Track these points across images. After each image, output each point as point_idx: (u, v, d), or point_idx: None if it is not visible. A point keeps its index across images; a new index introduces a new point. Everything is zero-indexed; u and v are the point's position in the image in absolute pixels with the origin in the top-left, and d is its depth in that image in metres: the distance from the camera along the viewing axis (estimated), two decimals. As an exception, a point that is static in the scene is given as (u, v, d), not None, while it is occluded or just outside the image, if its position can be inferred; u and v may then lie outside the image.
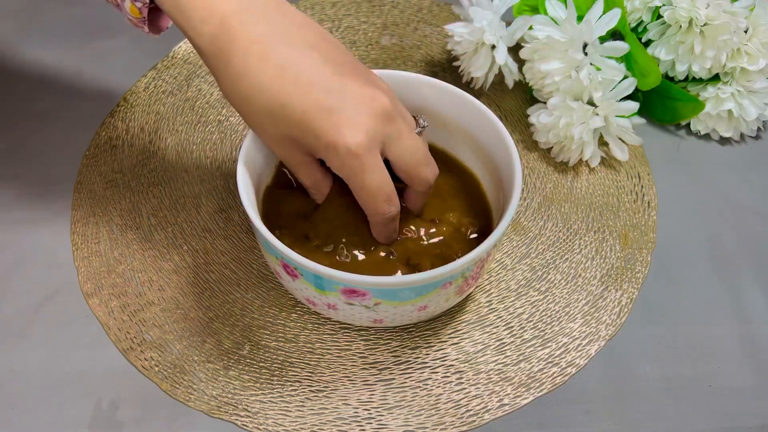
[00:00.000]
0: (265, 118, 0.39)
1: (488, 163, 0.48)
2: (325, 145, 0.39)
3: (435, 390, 0.45)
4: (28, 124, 0.59)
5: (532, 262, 0.51)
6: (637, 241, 0.53)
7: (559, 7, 0.54)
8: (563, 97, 0.53)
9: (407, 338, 0.48)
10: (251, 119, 0.40)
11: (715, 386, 0.46)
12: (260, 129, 0.41)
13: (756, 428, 0.44)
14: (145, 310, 0.48)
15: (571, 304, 0.49)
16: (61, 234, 0.52)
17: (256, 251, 0.51)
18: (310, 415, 0.44)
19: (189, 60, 0.63)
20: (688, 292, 0.50)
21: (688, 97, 0.57)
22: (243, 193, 0.42)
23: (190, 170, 0.56)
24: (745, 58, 0.55)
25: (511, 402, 0.45)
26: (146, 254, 0.51)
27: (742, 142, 0.59)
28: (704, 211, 0.55)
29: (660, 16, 0.57)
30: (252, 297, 0.49)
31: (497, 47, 0.55)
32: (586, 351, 0.47)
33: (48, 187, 0.55)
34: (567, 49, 0.52)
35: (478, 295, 0.50)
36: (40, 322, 0.48)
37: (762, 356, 0.47)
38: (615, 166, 0.57)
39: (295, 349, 0.47)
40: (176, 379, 0.45)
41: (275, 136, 0.40)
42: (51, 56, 0.64)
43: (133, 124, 0.59)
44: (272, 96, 0.38)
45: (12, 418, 0.44)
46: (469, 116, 0.47)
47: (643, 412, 0.45)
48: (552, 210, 0.54)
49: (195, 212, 0.53)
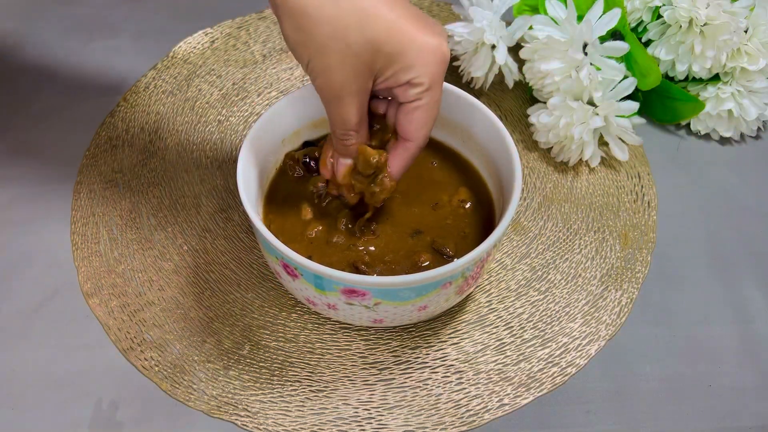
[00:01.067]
0: (352, 19, 0.37)
1: (488, 163, 0.48)
2: (418, 46, 0.38)
3: (435, 390, 0.45)
4: (28, 124, 0.59)
5: (532, 262, 0.51)
6: (637, 241, 0.53)
7: (559, 7, 0.54)
8: (563, 97, 0.53)
9: (407, 338, 0.48)
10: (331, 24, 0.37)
11: (715, 386, 0.46)
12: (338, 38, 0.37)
13: (756, 428, 0.44)
14: (145, 310, 0.48)
15: (571, 304, 0.49)
16: (61, 234, 0.52)
17: (256, 251, 0.51)
18: (310, 415, 0.44)
19: (189, 60, 0.63)
20: (688, 292, 0.50)
21: (688, 97, 0.57)
22: (243, 193, 0.42)
23: (190, 170, 0.56)
24: (745, 58, 0.55)
25: (511, 402, 0.45)
26: (146, 254, 0.51)
27: (742, 142, 0.59)
28: (704, 211, 0.55)
29: (660, 16, 0.57)
30: (252, 297, 0.49)
31: (497, 47, 0.55)
32: (586, 351, 0.47)
33: (48, 187, 0.55)
34: (567, 49, 0.52)
35: (478, 295, 0.50)
36: (40, 322, 0.48)
37: (762, 356, 0.47)
38: (615, 166, 0.57)
39: (295, 349, 0.47)
40: (176, 379, 0.45)
41: (353, 45, 0.37)
42: (51, 56, 0.64)
43: (133, 124, 0.59)
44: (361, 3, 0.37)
45: (12, 418, 0.44)
46: (469, 116, 0.47)
47: (643, 412, 0.45)
48: (552, 210, 0.54)
49: (195, 212, 0.53)
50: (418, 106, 0.40)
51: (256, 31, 0.66)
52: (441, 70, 0.39)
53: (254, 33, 0.65)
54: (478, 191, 0.48)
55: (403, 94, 0.40)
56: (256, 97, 0.61)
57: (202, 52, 0.64)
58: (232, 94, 0.61)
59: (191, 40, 0.65)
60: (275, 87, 0.61)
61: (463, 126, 0.48)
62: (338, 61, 0.38)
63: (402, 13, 0.38)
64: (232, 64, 0.63)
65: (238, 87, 0.61)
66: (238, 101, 0.60)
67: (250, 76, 0.62)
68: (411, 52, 0.38)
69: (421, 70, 0.39)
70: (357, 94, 0.39)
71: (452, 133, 0.49)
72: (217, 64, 0.63)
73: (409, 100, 0.40)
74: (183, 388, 0.45)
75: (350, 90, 0.39)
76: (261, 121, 0.45)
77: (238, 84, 0.61)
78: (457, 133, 0.49)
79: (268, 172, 0.48)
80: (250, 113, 0.60)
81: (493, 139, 0.46)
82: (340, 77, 0.39)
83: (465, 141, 0.49)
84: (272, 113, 0.46)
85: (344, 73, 0.38)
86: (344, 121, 0.41)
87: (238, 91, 0.61)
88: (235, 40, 0.65)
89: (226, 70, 0.62)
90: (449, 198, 0.47)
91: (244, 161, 0.43)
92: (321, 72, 0.38)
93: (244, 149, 0.44)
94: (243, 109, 0.60)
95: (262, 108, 0.60)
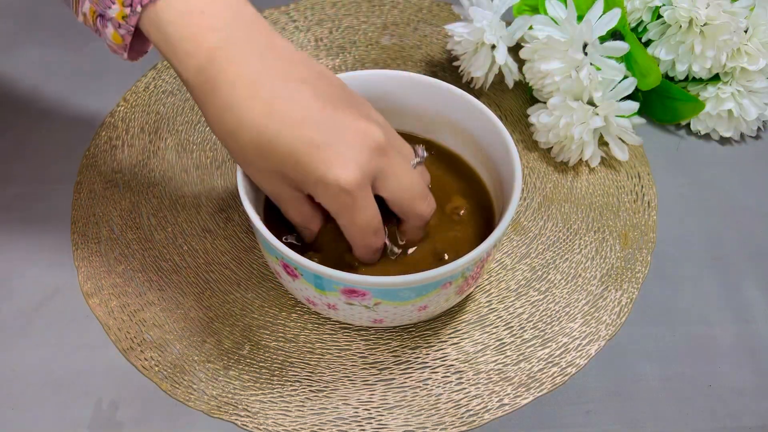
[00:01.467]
0: (252, 152, 0.38)
1: (488, 163, 0.48)
2: (314, 181, 0.37)
3: (435, 390, 0.45)
4: (28, 124, 0.59)
5: (532, 262, 0.51)
6: (637, 241, 0.53)
7: (559, 7, 0.54)
8: (563, 97, 0.53)
9: (407, 338, 0.48)
10: (237, 154, 0.39)
11: (715, 386, 0.46)
12: (247, 164, 0.40)
13: (756, 428, 0.44)
14: (145, 310, 0.48)
15: (571, 304, 0.49)
16: (61, 234, 0.52)
17: (256, 251, 0.51)
18: (310, 415, 0.44)
19: (189, 60, 0.63)
20: (688, 292, 0.50)
21: (688, 97, 0.57)
22: (243, 193, 0.42)
23: (190, 170, 0.56)
24: (745, 58, 0.55)
25: (511, 402, 0.45)
26: (146, 254, 0.51)
27: (742, 142, 0.59)
28: (704, 211, 0.55)
29: (660, 16, 0.57)
30: (252, 297, 0.49)
31: (497, 47, 0.55)
32: (586, 351, 0.47)
33: (48, 187, 0.55)
34: (567, 49, 0.52)
35: (478, 295, 0.50)
36: (40, 322, 0.48)
37: (762, 356, 0.47)
38: (615, 166, 0.57)
39: (295, 349, 0.47)
40: (176, 379, 0.45)
41: (263, 170, 0.39)
42: (51, 56, 0.64)
43: (133, 124, 0.59)
44: (260, 131, 0.37)
45: (12, 418, 0.44)
46: (469, 116, 0.47)
47: (643, 412, 0.45)
48: (552, 210, 0.54)
49: (195, 212, 0.53)
50: (342, 225, 0.40)
51: (256, 31, 0.65)
52: (340, 200, 0.38)
53: (254, 33, 0.65)
54: (477, 192, 0.48)
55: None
56: (256, 97, 0.61)
57: (202, 52, 0.64)
58: (232, 94, 0.61)
59: (191, 40, 0.65)
60: (275, 87, 0.61)
61: (463, 126, 0.48)
62: (258, 176, 0.40)
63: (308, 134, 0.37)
64: (232, 64, 0.63)
65: (238, 87, 0.61)
66: (238, 101, 0.60)
67: (250, 76, 0.62)
68: (308, 185, 0.38)
69: (322, 200, 0.39)
70: (289, 201, 0.41)
71: (452, 133, 0.49)
72: (217, 64, 0.63)
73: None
74: (183, 388, 0.45)
75: (280, 199, 0.41)
76: (261, 121, 0.45)
77: (238, 84, 0.61)
78: (457, 134, 0.49)
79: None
80: (250, 113, 0.60)
81: (493, 139, 0.46)
82: (266, 188, 0.41)
83: (465, 141, 0.49)
84: (272, 113, 0.46)
85: (267, 186, 0.41)
86: (291, 221, 0.43)
87: (238, 91, 0.61)
88: (235, 40, 0.65)
89: (226, 70, 0.62)
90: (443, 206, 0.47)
91: (244, 161, 0.43)
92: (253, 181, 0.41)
93: (244, 149, 0.44)
94: (243, 109, 0.60)
95: (262, 108, 0.60)
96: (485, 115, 0.46)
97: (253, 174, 0.40)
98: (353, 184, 0.37)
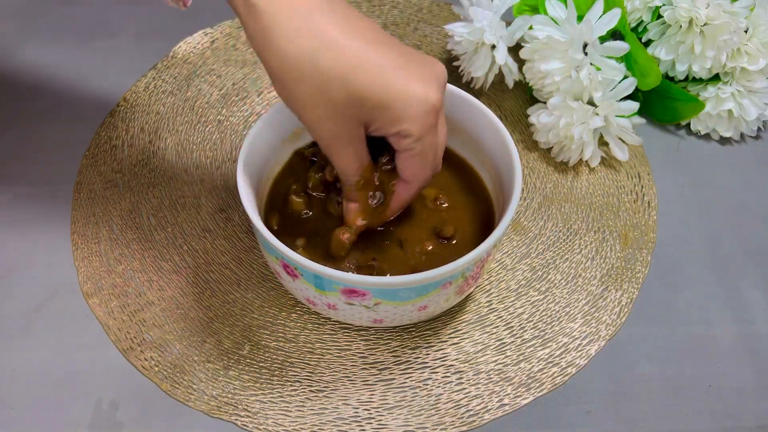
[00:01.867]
0: (333, 75, 0.36)
1: (488, 163, 0.48)
2: (406, 99, 0.37)
3: (435, 390, 0.45)
4: (28, 124, 0.59)
5: (532, 262, 0.51)
6: (637, 241, 0.53)
7: (559, 7, 0.54)
8: (563, 97, 0.53)
9: (407, 338, 0.48)
10: (312, 82, 0.37)
11: (715, 386, 0.46)
12: (319, 95, 0.37)
13: (756, 428, 0.44)
14: (145, 310, 0.48)
15: (571, 304, 0.49)
16: (61, 234, 0.52)
17: (256, 251, 0.51)
18: (310, 415, 0.44)
19: (189, 60, 0.63)
20: (688, 292, 0.50)
21: (688, 97, 0.57)
22: (243, 193, 0.42)
23: (190, 170, 0.56)
24: (745, 58, 0.55)
25: (511, 402, 0.45)
26: (146, 254, 0.51)
27: (742, 142, 0.59)
28: (704, 211, 0.55)
29: (660, 16, 0.57)
30: (252, 297, 0.49)
31: (497, 47, 0.55)
32: (586, 351, 0.47)
33: (48, 187, 0.55)
34: (567, 49, 0.52)
35: (478, 295, 0.50)
36: (40, 322, 0.48)
37: (762, 356, 0.47)
38: (615, 166, 0.57)
39: (295, 349, 0.47)
40: (176, 379, 0.45)
41: (336, 101, 0.37)
42: (51, 56, 0.64)
43: (133, 124, 0.59)
44: (343, 53, 0.36)
45: (12, 418, 0.44)
46: (469, 116, 0.47)
47: (643, 412, 0.45)
48: (552, 210, 0.54)
49: (195, 212, 0.53)
50: (412, 155, 0.40)
51: (256, 31, 0.65)
52: (429, 119, 0.38)
53: (254, 33, 0.65)
54: (478, 192, 0.48)
55: (395, 144, 0.40)
56: (256, 97, 0.61)
57: (202, 52, 0.64)
58: (232, 94, 0.61)
59: (191, 40, 0.65)
60: (275, 87, 0.61)
61: (463, 126, 0.48)
62: (324, 115, 0.38)
63: (390, 57, 0.37)
64: (232, 64, 0.63)
65: (238, 87, 0.61)
66: (238, 101, 0.60)
67: (250, 76, 0.62)
68: (396, 105, 0.37)
69: (408, 122, 0.38)
70: (350, 144, 0.40)
71: (452, 133, 0.49)
72: (217, 64, 0.63)
73: (401, 149, 0.40)
74: (183, 388, 0.45)
75: (342, 141, 0.39)
76: (261, 121, 0.45)
77: (238, 84, 0.61)
78: (457, 134, 0.49)
79: (269, 172, 0.48)
80: (250, 113, 0.60)
81: (493, 139, 0.46)
82: (329, 129, 0.39)
83: (465, 141, 0.49)
84: (272, 113, 0.46)
85: (332, 125, 0.38)
86: (344, 170, 0.41)
87: (238, 91, 0.61)
88: (235, 40, 0.65)
89: (226, 70, 0.62)
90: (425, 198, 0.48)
91: (244, 161, 0.43)
92: (311, 125, 0.39)
93: (244, 149, 0.44)
94: (243, 109, 0.60)
95: (262, 108, 0.60)
96: (485, 115, 0.46)
97: (322, 110, 0.38)
98: (439, 103, 0.38)
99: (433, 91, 0.38)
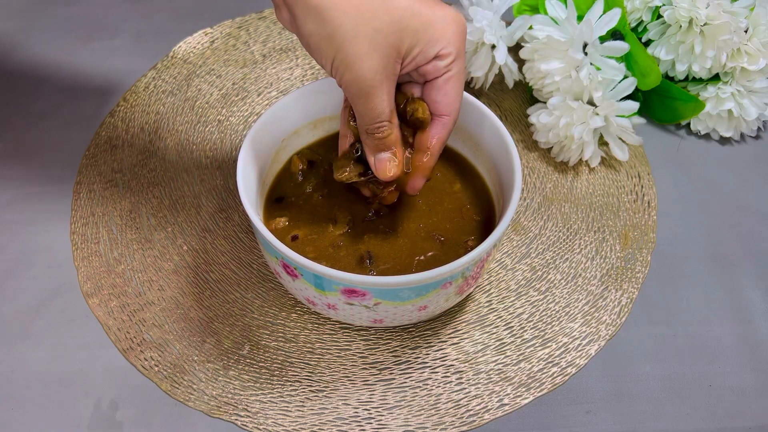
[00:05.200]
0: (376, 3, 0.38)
1: (488, 163, 0.48)
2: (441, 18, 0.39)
3: (435, 390, 0.45)
4: (27, 124, 0.59)
5: (532, 262, 0.51)
6: (637, 241, 0.53)
7: (559, 7, 0.54)
8: (563, 97, 0.53)
9: (407, 338, 0.47)
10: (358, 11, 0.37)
11: (715, 386, 0.46)
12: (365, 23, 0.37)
13: (756, 428, 0.44)
14: (145, 310, 0.48)
15: (571, 304, 0.49)
16: (61, 234, 0.52)
17: (256, 251, 0.51)
18: (310, 415, 0.44)
19: (189, 60, 0.63)
20: (688, 292, 0.50)
21: (688, 97, 0.57)
22: (243, 193, 0.42)
23: (190, 170, 0.56)
24: (745, 58, 0.55)
25: (511, 402, 0.45)
26: (146, 254, 0.51)
27: (742, 142, 0.59)
28: (704, 211, 0.55)
29: (660, 16, 0.57)
30: (252, 297, 0.49)
31: (497, 47, 0.55)
32: (586, 351, 0.47)
33: (48, 187, 0.55)
34: (567, 49, 0.52)
35: (478, 295, 0.50)
36: (40, 322, 0.48)
37: (762, 356, 0.47)
38: (615, 166, 0.57)
39: (295, 349, 0.47)
40: (176, 379, 0.45)
41: (381, 28, 0.38)
42: (51, 56, 0.64)
43: (133, 124, 0.59)
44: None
45: (12, 418, 0.44)
46: (469, 116, 0.47)
47: (643, 412, 0.45)
48: (552, 210, 0.54)
49: (195, 212, 0.53)
50: (450, 77, 0.41)
51: (256, 31, 0.66)
52: (463, 38, 0.41)
53: (254, 33, 0.65)
54: (478, 191, 0.48)
55: (433, 69, 0.41)
56: (256, 97, 0.61)
57: (202, 52, 0.64)
58: (232, 94, 0.61)
59: (191, 40, 0.65)
60: (275, 87, 0.61)
61: (463, 126, 0.48)
62: (368, 47, 0.38)
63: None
64: (232, 64, 0.63)
65: (238, 87, 0.61)
66: (238, 101, 0.60)
67: (250, 76, 0.62)
68: (436, 25, 0.39)
69: (447, 41, 0.40)
70: (387, 81, 0.39)
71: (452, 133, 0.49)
72: (217, 64, 0.63)
73: (440, 73, 0.41)
74: (183, 388, 0.45)
75: (381, 77, 0.39)
76: (261, 121, 0.45)
77: (238, 84, 0.61)
78: (457, 133, 0.49)
79: (269, 172, 0.48)
80: (250, 113, 0.60)
81: (493, 139, 0.46)
82: (370, 65, 0.38)
83: (465, 141, 0.49)
84: (272, 113, 0.46)
85: (374, 59, 0.38)
86: (378, 113, 0.40)
87: (238, 91, 0.61)
88: (235, 40, 0.65)
89: (226, 70, 0.62)
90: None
91: (244, 161, 0.43)
92: (350, 64, 0.38)
93: (244, 149, 0.44)
94: (243, 109, 0.60)
95: (262, 108, 0.60)
96: (485, 115, 0.46)
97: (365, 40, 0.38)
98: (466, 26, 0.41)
99: (460, 14, 0.41)
